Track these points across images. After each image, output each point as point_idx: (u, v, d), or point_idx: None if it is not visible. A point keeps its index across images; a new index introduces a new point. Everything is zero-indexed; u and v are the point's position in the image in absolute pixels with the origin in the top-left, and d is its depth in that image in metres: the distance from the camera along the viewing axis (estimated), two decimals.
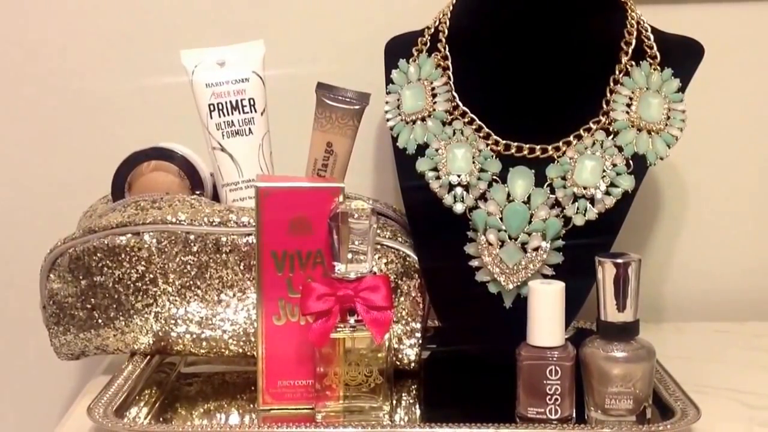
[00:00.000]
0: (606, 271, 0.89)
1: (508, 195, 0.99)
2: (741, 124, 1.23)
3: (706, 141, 1.19)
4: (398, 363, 1.01)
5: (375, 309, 0.91)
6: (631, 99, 1.00)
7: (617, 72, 1.00)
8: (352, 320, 0.92)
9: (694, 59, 1.03)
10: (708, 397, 0.95)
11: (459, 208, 0.99)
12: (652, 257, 1.23)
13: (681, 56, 1.02)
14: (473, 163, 0.99)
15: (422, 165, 1.00)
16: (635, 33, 1.01)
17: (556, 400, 0.90)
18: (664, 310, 1.24)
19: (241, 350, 1.01)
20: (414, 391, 1.02)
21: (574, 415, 0.91)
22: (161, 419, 0.97)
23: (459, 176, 0.99)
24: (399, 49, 1.05)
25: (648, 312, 0.91)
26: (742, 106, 1.23)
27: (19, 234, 1.24)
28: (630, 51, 1.01)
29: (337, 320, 0.91)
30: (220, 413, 0.98)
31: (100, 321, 1.01)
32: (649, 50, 1.01)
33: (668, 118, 1.00)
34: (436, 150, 1.00)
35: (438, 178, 0.99)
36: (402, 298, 1.01)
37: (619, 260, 0.89)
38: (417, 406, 1.00)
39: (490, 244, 0.98)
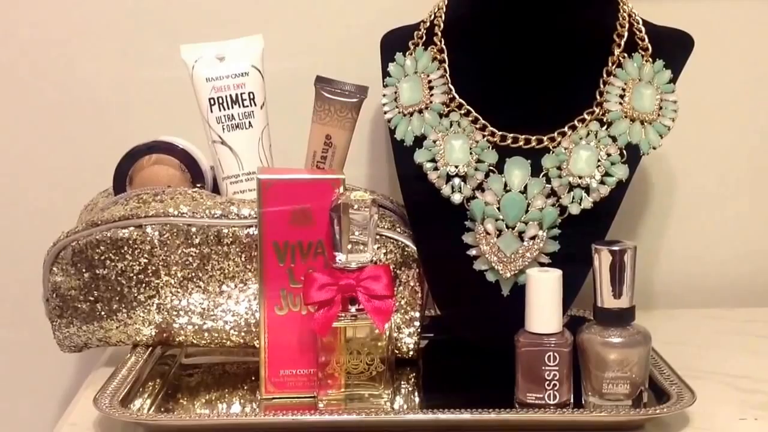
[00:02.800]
0: (602, 259, 0.91)
1: (505, 185, 1.00)
2: (728, 114, 1.25)
3: (694, 130, 1.20)
4: (397, 352, 1.01)
5: (376, 298, 0.92)
6: (624, 90, 1.01)
7: (610, 64, 1.01)
8: (353, 309, 0.93)
9: (684, 51, 1.04)
10: (701, 381, 0.96)
11: (457, 198, 1.00)
12: (641, 244, 1.21)
13: (671, 48, 1.03)
14: (470, 154, 1.00)
15: (420, 156, 1.01)
16: (627, 25, 1.02)
17: (555, 385, 0.91)
18: (654, 296, 1.25)
19: (242, 341, 1.02)
20: (413, 379, 1.03)
21: (572, 399, 0.93)
22: (162, 409, 0.97)
23: (457, 167, 1.00)
24: (395, 43, 1.06)
25: (638, 299, 0.92)
26: (728, 97, 1.24)
27: (22, 227, 1.24)
28: (623, 43, 1.01)
29: (339, 309, 0.92)
30: (222, 403, 0.99)
31: (102, 313, 1.02)
32: (640, 42, 1.02)
33: (660, 108, 1.01)
34: (434, 141, 1.01)
35: (436, 169, 1.00)
36: (401, 288, 1.02)
37: (615, 248, 0.91)
38: (416, 393, 1.01)
39: (487, 233, 0.99)
